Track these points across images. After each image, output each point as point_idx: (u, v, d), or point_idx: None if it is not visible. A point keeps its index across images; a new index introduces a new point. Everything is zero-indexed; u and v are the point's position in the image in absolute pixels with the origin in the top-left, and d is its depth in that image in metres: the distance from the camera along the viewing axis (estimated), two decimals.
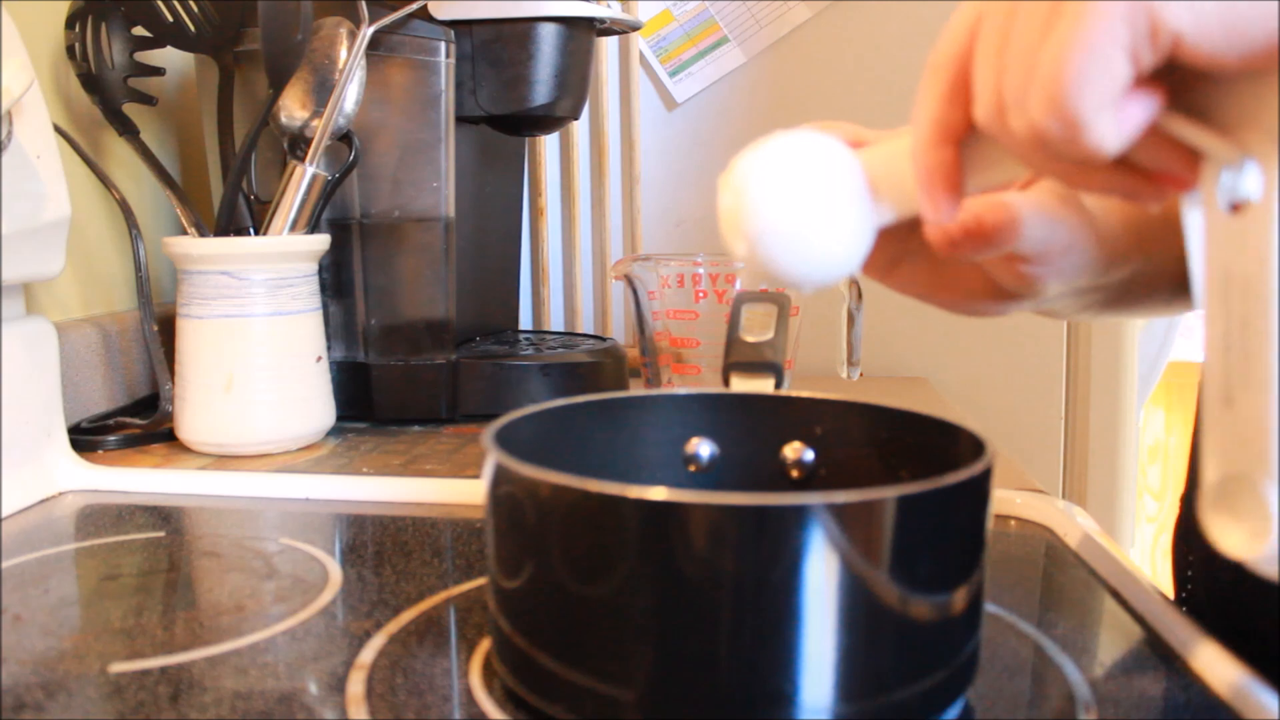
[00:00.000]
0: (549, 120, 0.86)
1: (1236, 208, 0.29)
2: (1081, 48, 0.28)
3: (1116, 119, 0.29)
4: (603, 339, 0.95)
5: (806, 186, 0.35)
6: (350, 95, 0.75)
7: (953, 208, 0.34)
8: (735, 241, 0.36)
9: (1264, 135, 0.29)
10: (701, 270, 0.76)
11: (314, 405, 0.74)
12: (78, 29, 0.76)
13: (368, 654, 0.40)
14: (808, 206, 0.35)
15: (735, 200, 0.35)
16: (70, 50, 0.77)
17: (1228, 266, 0.29)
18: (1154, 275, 0.47)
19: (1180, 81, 0.30)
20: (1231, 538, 0.29)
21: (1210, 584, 0.53)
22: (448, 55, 0.80)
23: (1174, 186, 0.32)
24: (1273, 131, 0.28)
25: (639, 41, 1.10)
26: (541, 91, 0.81)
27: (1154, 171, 0.32)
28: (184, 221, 0.77)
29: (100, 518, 0.59)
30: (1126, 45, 0.28)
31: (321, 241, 0.76)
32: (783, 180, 0.35)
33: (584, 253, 1.14)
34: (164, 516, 0.59)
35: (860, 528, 0.31)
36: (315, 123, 0.75)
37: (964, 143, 0.34)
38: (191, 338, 0.72)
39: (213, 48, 0.78)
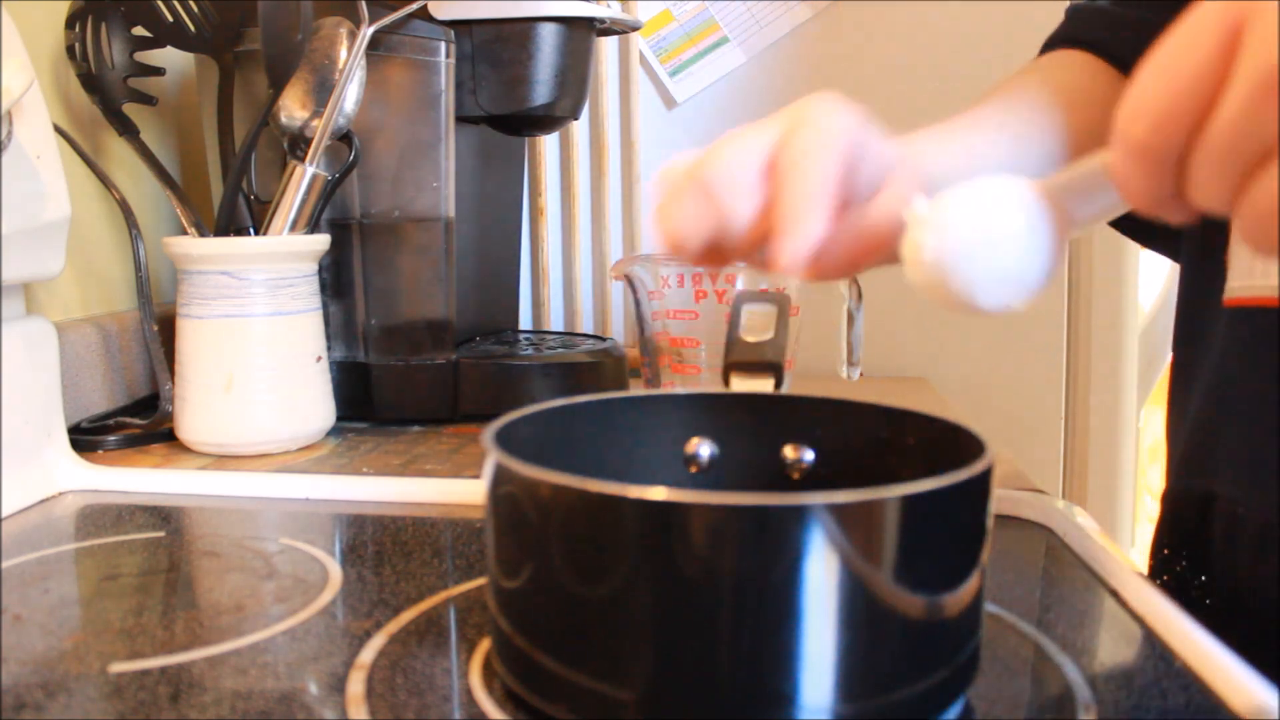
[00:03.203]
0: (549, 120, 0.86)
1: None
2: None
3: None
4: (603, 339, 0.95)
5: (1012, 222, 0.37)
6: (350, 95, 0.75)
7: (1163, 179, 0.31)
8: (941, 275, 0.38)
9: None
10: (701, 270, 0.76)
11: (314, 405, 0.74)
12: (78, 29, 0.76)
13: (368, 654, 0.40)
14: (1015, 241, 0.37)
15: (946, 239, 0.38)
16: (70, 50, 0.77)
17: None
18: None
19: None
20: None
21: (1193, 576, 0.54)
22: (448, 55, 0.80)
23: None
24: None
25: (639, 41, 1.10)
26: (541, 91, 0.81)
27: None
28: (184, 221, 0.77)
29: (100, 518, 0.59)
30: None
31: (321, 241, 0.76)
32: (993, 219, 0.38)
33: (584, 253, 1.14)
34: (164, 516, 0.59)
35: (860, 528, 0.31)
36: (315, 123, 0.75)
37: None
38: (191, 338, 0.72)
39: (213, 48, 0.78)
